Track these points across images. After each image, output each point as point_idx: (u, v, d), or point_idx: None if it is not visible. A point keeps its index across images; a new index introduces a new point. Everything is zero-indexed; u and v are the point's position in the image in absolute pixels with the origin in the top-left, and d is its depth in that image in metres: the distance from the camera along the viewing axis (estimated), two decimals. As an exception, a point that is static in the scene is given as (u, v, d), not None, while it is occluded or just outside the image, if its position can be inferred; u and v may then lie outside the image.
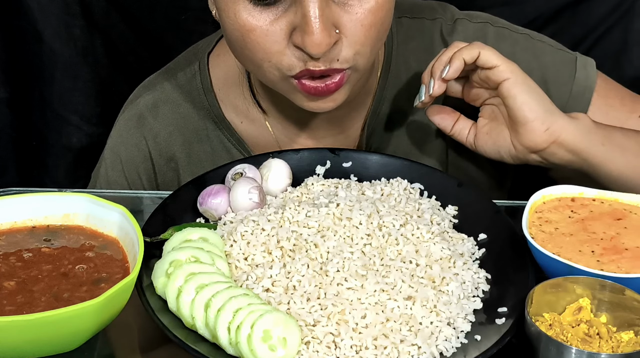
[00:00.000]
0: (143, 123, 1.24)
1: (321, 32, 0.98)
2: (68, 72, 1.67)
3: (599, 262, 0.94)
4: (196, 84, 1.24)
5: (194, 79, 1.24)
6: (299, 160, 1.13)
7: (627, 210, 1.02)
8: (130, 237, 0.96)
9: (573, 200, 1.03)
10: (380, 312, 0.90)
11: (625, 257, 0.95)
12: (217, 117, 1.23)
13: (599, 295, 0.91)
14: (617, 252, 0.96)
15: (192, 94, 1.24)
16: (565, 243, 0.97)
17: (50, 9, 1.62)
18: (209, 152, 1.25)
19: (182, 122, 1.24)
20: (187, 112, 1.24)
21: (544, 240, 0.96)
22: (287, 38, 1.01)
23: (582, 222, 1.00)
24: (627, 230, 0.99)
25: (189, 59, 1.27)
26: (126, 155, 1.25)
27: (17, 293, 0.91)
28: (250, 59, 1.05)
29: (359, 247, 0.97)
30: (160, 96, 1.25)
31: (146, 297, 0.91)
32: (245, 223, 0.99)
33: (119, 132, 1.26)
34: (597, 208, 1.02)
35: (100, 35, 1.65)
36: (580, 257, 0.95)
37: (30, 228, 1.00)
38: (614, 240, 0.97)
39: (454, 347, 0.89)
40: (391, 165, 1.12)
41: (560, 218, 1.00)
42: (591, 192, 1.04)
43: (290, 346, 0.86)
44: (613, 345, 0.87)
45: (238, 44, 1.05)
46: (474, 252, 1.01)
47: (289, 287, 0.92)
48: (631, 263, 0.94)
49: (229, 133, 1.24)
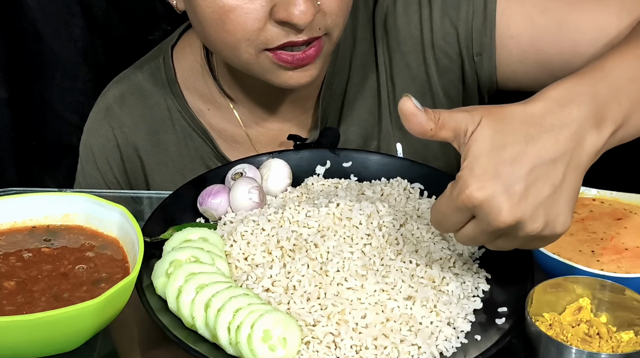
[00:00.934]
0: (111, 114, 1.28)
1: (305, 2, 1.01)
2: (68, 72, 1.67)
3: (599, 262, 0.94)
4: (161, 75, 1.28)
5: (158, 71, 1.28)
6: (299, 160, 1.13)
7: (627, 210, 1.02)
8: (130, 237, 0.96)
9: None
10: (380, 312, 0.90)
11: (625, 256, 0.95)
12: (182, 106, 1.26)
13: (599, 295, 0.91)
14: (617, 252, 0.96)
15: (157, 85, 1.28)
16: (565, 243, 0.97)
17: (50, 9, 1.62)
18: (174, 140, 1.27)
19: (148, 112, 1.28)
20: (153, 103, 1.28)
21: None
22: (267, 15, 1.04)
23: (582, 222, 1.00)
24: (627, 230, 0.99)
25: (155, 53, 1.31)
26: (97, 146, 1.29)
27: (17, 293, 0.91)
28: (227, 40, 1.06)
29: (359, 247, 0.97)
30: (127, 88, 1.29)
31: (146, 297, 0.91)
32: (245, 223, 0.99)
33: (89, 126, 1.31)
34: (597, 208, 1.02)
35: (100, 35, 1.65)
36: (580, 256, 0.95)
37: (30, 228, 1.00)
38: (614, 240, 0.97)
39: (454, 347, 0.89)
40: (391, 165, 1.12)
41: None
42: (591, 191, 1.04)
43: (290, 346, 0.86)
44: (613, 345, 0.87)
45: (214, 26, 1.06)
46: (474, 251, 1.01)
47: (289, 287, 0.92)
48: (631, 263, 0.94)
49: (193, 122, 1.26)
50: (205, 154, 1.26)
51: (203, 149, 1.26)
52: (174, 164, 1.28)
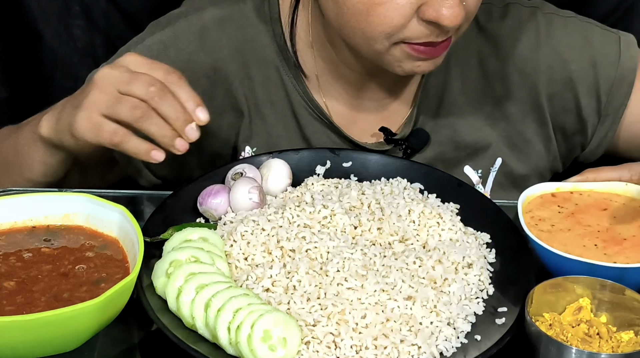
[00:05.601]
0: (205, 34, 1.21)
1: (458, 5, 1.01)
2: (68, 72, 1.67)
3: (606, 255, 0.94)
4: (265, 11, 1.22)
5: (262, 6, 1.22)
6: (299, 160, 1.13)
7: (607, 199, 1.02)
8: (130, 237, 0.96)
9: (554, 196, 1.03)
10: (380, 312, 0.90)
11: (626, 247, 0.95)
12: (280, 47, 1.22)
13: (599, 295, 0.91)
14: (617, 243, 0.96)
15: (259, 20, 1.22)
16: (568, 239, 0.97)
17: (50, 9, 1.62)
18: (264, 77, 1.22)
19: (246, 45, 1.22)
20: (252, 36, 1.22)
21: (547, 239, 0.96)
22: (414, 12, 1.03)
23: (574, 216, 1.00)
24: (616, 219, 0.99)
25: None
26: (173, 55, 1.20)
27: (17, 293, 0.91)
28: (367, 31, 1.05)
29: (359, 247, 0.97)
30: (230, 14, 1.22)
31: (146, 297, 0.91)
32: (245, 223, 0.99)
33: (174, 34, 1.21)
34: (580, 201, 1.02)
35: (100, 35, 1.65)
36: (588, 252, 0.95)
37: (30, 228, 1.00)
38: (610, 231, 0.98)
39: (454, 347, 0.89)
40: (391, 165, 1.12)
41: (551, 214, 1.01)
42: (567, 185, 1.04)
43: (290, 346, 0.86)
44: (613, 345, 0.87)
45: (358, 16, 1.05)
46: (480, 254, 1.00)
47: (289, 287, 0.92)
48: (636, 252, 0.94)
49: (287, 64, 1.22)
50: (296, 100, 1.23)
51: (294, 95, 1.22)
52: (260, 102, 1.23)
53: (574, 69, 1.23)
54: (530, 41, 1.23)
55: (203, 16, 1.22)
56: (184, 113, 0.97)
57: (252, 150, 1.23)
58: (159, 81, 0.98)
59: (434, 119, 1.24)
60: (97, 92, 0.99)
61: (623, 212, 1.01)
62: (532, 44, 1.23)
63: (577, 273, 0.92)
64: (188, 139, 0.98)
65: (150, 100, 0.97)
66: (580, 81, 1.23)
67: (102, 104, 0.99)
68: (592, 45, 1.23)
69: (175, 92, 0.98)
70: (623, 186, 1.04)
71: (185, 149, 0.98)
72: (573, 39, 1.23)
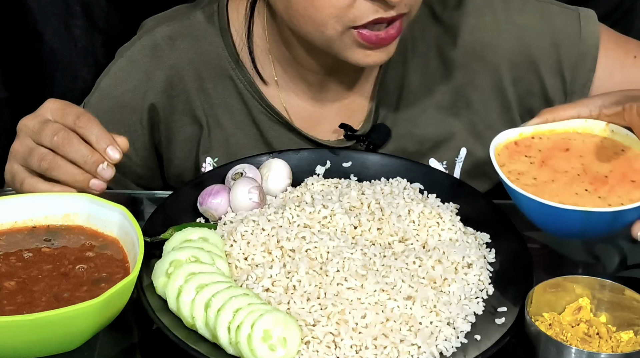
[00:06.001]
0: (158, 52, 1.24)
1: None
2: (68, 72, 1.67)
3: (601, 198, 0.92)
4: (214, 23, 1.24)
5: (212, 18, 1.24)
6: (299, 160, 1.13)
7: (565, 139, 1.00)
8: (131, 237, 0.96)
9: (517, 144, 1.01)
10: (380, 311, 0.90)
11: (612, 185, 0.94)
12: (231, 56, 1.23)
13: (598, 295, 0.91)
14: (603, 182, 0.94)
15: (210, 32, 1.24)
16: (556, 190, 0.94)
17: (50, 9, 1.62)
18: (220, 88, 1.24)
19: (198, 58, 1.24)
20: (203, 49, 1.24)
21: (538, 194, 0.92)
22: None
23: (546, 164, 0.98)
24: (583, 158, 0.98)
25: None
26: (135, 78, 1.24)
27: (17, 293, 0.91)
28: (315, 17, 1.06)
29: (359, 247, 0.97)
30: (179, 29, 1.24)
31: (146, 297, 0.91)
32: (245, 223, 0.99)
33: (131, 58, 1.25)
34: (542, 145, 1.00)
35: (100, 35, 1.65)
36: (583, 199, 0.93)
37: (31, 228, 1.00)
38: (589, 173, 0.96)
39: (454, 346, 0.89)
40: (391, 165, 1.12)
41: (525, 166, 0.98)
42: (528, 129, 1.01)
43: (290, 346, 0.86)
44: (613, 344, 0.87)
45: (305, 2, 1.06)
46: (480, 254, 1.00)
47: (289, 287, 0.92)
48: (623, 188, 0.93)
49: (241, 73, 1.23)
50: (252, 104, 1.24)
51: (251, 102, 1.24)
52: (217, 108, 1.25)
53: (535, 51, 1.22)
54: (489, 27, 1.22)
55: (154, 35, 1.25)
56: (92, 154, 1.00)
57: (213, 161, 1.25)
58: (63, 129, 1.00)
59: (395, 112, 1.24)
60: (17, 143, 1.04)
61: (586, 149, 0.99)
62: (491, 30, 1.22)
63: (574, 225, 0.90)
64: (102, 178, 1.00)
65: (57, 149, 1.00)
66: (542, 62, 1.22)
67: (19, 155, 1.03)
68: (552, 24, 1.22)
69: (84, 135, 1.00)
70: (582, 122, 1.01)
71: (102, 188, 1.00)
72: (532, 20, 1.22)
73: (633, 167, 0.95)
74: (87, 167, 0.99)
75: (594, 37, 1.22)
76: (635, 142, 0.97)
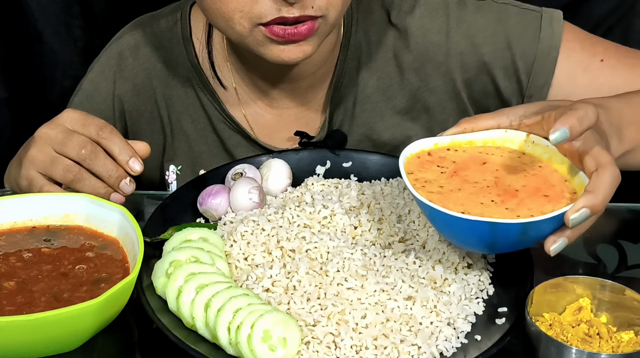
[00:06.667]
0: (122, 62, 1.27)
1: None
2: (68, 72, 1.67)
3: (508, 209, 0.90)
4: (177, 31, 1.26)
5: (175, 27, 1.27)
6: (299, 160, 1.13)
7: (482, 153, 0.97)
8: (130, 237, 0.96)
9: (430, 154, 0.97)
10: (380, 312, 0.90)
11: (522, 198, 0.91)
12: (193, 65, 1.25)
13: (599, 295, 0.91)
14: (512, 195, 0.91)
15: (172, 41, 1.26)
16: (463, 199, 0.92)
17: (50, 9, 1.63)
18: (182, 96, 1.27)
19: (162, 67, 1.26)
20: (166, 57, 1.26)
21: (440, 202, 0.90)
22: None
23: (457, 175, 0.95)
24: (499, 171, 0.95)
25: (174, 8, 1.29)
26: (104, 87, 1.28)
27: (17, 294, 0.91)
28: (222, 10, 1.06)
29: (359, 247, 0.97)
30: (143, 39, 1.27)
31: (146, 297, 0.91)
32: (245, 223, 0.99)
33: (100, 66, 1.28)
34: (457, 158, 0.97)
35: (100, 35, 1.65)
36: (488, 209, 0.90)
37: (30, 229, 1.00)
38: (500, 186, 0.93)
39: (454, 347, 0.89)
40: (391, 165, 1.12)
41: (435, 176, 0.95)
42: (445, 140, 0.98)
43: (290, 346, 0.86)
44: (613, 345, 0.87)
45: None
46: (480, 254, 1.00)
47: (289, 287, 0.92)
48: (534, 202, 0.90)
49: (202, 81, 1.25)
50: (212, 113, 1.26)
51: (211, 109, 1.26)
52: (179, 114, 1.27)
53: (486, 52, 1.21)
54: (440, 29, 1.21)
55: (120, 44, 1.28)
56: (117, 169, 1.03)
57: (177, 168, 1.27)
58: (90, 142, 1.02)
59: (350, 118, 1.24)
60: (36, 151, 1.04)
61: (501, 163, 0.96)
62: (442, 32, 1.21)
63: (480, 236, 0.88)
64: (124, 193, 1.03)
65: (83, 162, 1.02)
66: (495, 63, 1.21)
67: (39, 163, 1.04)
68: (506, 26, 1.21)
69: (107, 147, 1.03)
70: (502, 133, 0.97)
71: (122, 201, 1.03)
72: (485, 21, 1.21)
73: (548, 182, 0.93)
74: (111, 181, 1.02)
75: (554, 38, 1.20)
76: (554, 154, 0.94)
